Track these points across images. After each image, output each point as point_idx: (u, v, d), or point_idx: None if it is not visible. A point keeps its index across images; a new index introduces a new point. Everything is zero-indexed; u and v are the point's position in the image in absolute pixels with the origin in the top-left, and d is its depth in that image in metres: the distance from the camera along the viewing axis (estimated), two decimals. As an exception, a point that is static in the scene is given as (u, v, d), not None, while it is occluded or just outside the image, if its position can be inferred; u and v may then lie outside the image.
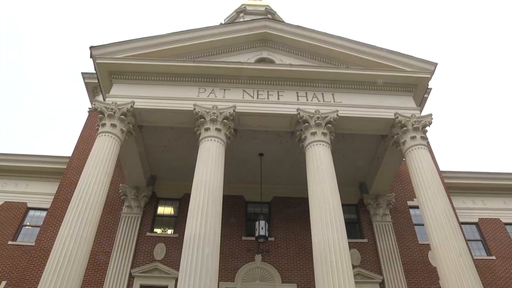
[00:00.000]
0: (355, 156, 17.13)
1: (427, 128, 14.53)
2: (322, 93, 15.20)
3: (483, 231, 19.82)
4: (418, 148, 13.93)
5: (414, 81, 15.40)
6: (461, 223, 18.98)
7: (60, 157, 20.30)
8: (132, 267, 16.11)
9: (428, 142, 14.49)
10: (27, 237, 18.51)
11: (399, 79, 15.31)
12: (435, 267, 16.07)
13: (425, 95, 19.24)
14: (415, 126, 14.26)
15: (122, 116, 13.99)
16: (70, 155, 20.15)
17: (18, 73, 71.51)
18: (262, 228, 15.17)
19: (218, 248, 11.21)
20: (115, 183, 18.45)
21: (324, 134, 13.95)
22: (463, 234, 16.99)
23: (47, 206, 19.01)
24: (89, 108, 22.35)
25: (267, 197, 18.45)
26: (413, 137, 14.16)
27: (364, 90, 15.31)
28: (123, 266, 16.01)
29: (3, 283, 16.79)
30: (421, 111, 15.35)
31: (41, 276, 10.97)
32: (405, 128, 14.34)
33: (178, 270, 10.97)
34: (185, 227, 11.57)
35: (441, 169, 21.07)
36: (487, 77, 76.25)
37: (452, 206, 18.02)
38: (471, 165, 73.49)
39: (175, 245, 16.72)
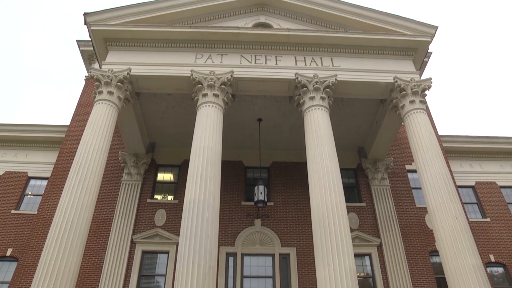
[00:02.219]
0: (353, 121, 17.14)
1: (426, 92, 14.48)
2: (321, 58, 15.06)
3: (479, 194, 20.09)
4: (417, 112, 13.92)
5: (414, 45, 15.21)
6: (458, 187, 19.25)
7: (58, 126, 20.25)
8: (133, 233, 16.37)
9: (427, 106, 14.48)
10: (30, 206, 18.72)
11: (399, 43, 15.14)
12: (432, 230, 16.40)
13: (425, 59, 19.07)
14: (414, 90, 14.20)
15: (119, 83, 13.89)
16: (68, 123, 20.13)
17: (12, 41, 70.43)
18: (261, 193, 15.33)
19: (217, 213, 11.34)
20: (114, 150, 18.53)
21: (322, 98, 13.90)
22: (460, 197, 17.26)
23: (48, 175, 19.15)
24: (85, 76, 22.14)
25: (266, 162, 18.57)
26: (412, 101, 14.13)
27: (363, 54, 15.16)
28: (124, 233, 16.27)
29: (9, 250, 17.12)
30: (420, 75, 15.27)
31: (45, 243, 11.15)
32: (404, 92, 14.28)
33: (179, 236, 11.14)
34: (185, 193, 11.66)
35: (440, 133, 21.14)
36: (488, 41, 75.33)
37: (450, 169, 18.21)
38: (470, 129, 73.68)
39: (175, 211, 16.95)
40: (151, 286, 15.60)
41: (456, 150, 21.01)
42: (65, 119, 71.14)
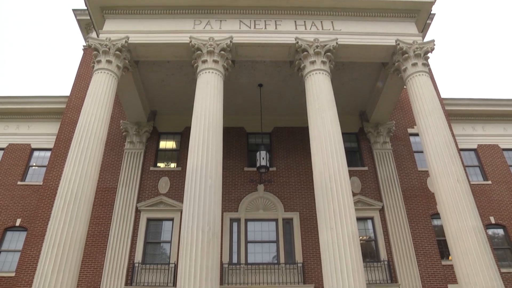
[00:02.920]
0: (355, 85, 16.99)
1: (429, 54, 14.28)
2: (321, 21, 14.78)
3: (481, 157, 20.12)
4: (419, 75, 13.77)
5: (416, 6, 14.88)
6: (460, 150, 19.26)
7: (58, 97, 20.18)
8: (138, 202, 16.57)
9: (429, 69, 14.29)
10: (35, 177, 18.92)
11: (400, 4, 14.79)
12: (433, 193, 16.54)
13: (427, 21, 18.72)
14: (416, 52, 14.00)
15: (117, 52, 13.75)
16: (68, 94, 20.05)
17: (8, 12, 69.30)
18: (263, 159, 15.39)
19: (220, 179, 11.42)
20: (116, 120, 18.53)
21: (323, 62, 13.73)
22: (462, 160, 17.30)
23: (51, 146, 19.25)
24: (83, 46, 21.89)
25: (267, 128, 18.57)
26: (414, 64, 13.96)
27: (364, 17, 14.87)
28: (129, 201, 16.47)
29: (18, 220, 17.44)
30: (423, 38, 15.00)
31: (51, 213, 11.33)
32: (406, 55, 14.09)
33: (183, 203, 11.27)
34: (187, 160, 11.71)
35: (442, 96, 21.01)
36: (492, 1, 73.60)
37: (452, 133, 18.18)
38: (473, 92, 73.04)
39: (178, 178, 17.09)
40: (157, 253, 15.91)
41: (458, 113, 20.92)
42: (66, 90, 70.88)
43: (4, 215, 17.62)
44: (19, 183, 18.48)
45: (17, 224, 17.43)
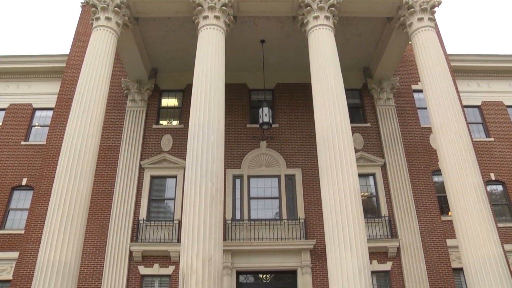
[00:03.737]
0: (359, 40, 16.70)
1: (436, 9, 13.92)
2: (325, -26, 14.31)
3: (484, 114, 20.00)
4: (425, 30, 13.51)
5: (423, -42, 14.34)
6: (464, 106, 19.13)
7: (58, 55, 19.92)
8: (141, 159, 16.69)
9: (435, 24, 13.94)
10: (38, 136, 18.97)
11: (407, -45, 14.26)
12: (435, 150, 16.54)
13: (434, -27, 18.08)
14: (423, 7, 13.67)
15: (116, 9, 13.49)
16: (68, 53, 19.78)
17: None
18: (265, 115, 15.35)
19: (222, 136, 11.43)
20: (117, 78, 18.39)
21: (327, 18, 13.42)
22: (465, 117, 17.22)
23: (52, 105, 19.18)
24: (81, 3, 21.34)
25: (270, 84, 18.42)
26: (420, 19, 13.67)
27: (369, -30, 14.37)
28: (132, 159, 16.59)
29: (24, 180, 17.67)
30: (430, -9, 14.52)
31: (56, 172, 11.47)
32: (412, 9, 13.76)
33: (186, 160, 11.34)
34: (189, 117, 11.70)
35: (448, 52, 20.62)
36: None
37: (456, 89, 17.98)
38: (479, 48, 71.72)
39: (181, 135, 17.14)
40: (161, 210, 16.20)
41: (464, 69, 20.61)
42: (65, 49, 69.91)
43: (11, 175, 17.83)
44: (22, 143, 18.56)
45: (23, 183, 17.67)
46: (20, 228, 16.80)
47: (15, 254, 15.92)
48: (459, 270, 15.16)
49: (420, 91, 18.80)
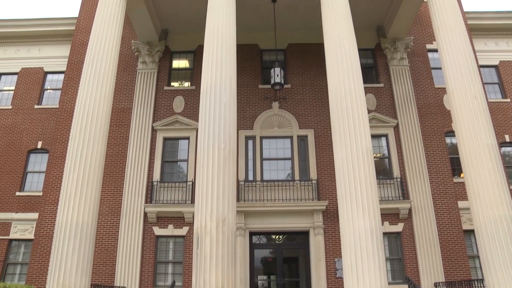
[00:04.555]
0: (373, -2, 16.22)
1: (453, -37, 13.34)
2: None
3: (501, 74, 19.51)
4: (441, -14, 13.01)
5: None
6: (480, 66, 18.64)
7: (67, 18, 19.73)
8: (153, 121, 16.76)
9: (452, -20, 13.40)
10: (51, 100, 19.10)
11: None
12: (449, 111, 16.32)
13: None
14: (439, -39, 13.11)
15: (124, -32, 13.18)
16: (77, 15, 19.57)
17: None
18: (277, 76, 15.18)
19: (235, 97, 11.35)
20: (127, 40, 18.23)
21: (340, -26, 12.97)
22: (481, 77, 16.83)
23: (63, 69, 19.16)
24: (88, -37, 20.89)
25: (282, 44, 18.11)
26: (437, -26, 13.13)
27: None
28: (144, 121, 16.67)
29: (39, 143, 17.95)
30: None
31: (70, 135, 11.60)
32: (428, -36, 13.22)
33: (198, 121, 11.35)
34: (201, 78, 11.61)
35: (465, 9, 19.96)
36: None
37: (473, 48, 17.49)
38: (497, 4, 69.17)
39: (193, 97, 17.10)
40: (175, 171, 16.39)
41: (481, 27, 19.96)
42: (74, 12, 69.19)
43: (26, 138, 18.10)
44: (36, 106, 18.73)
45: (39, 146, 17.96)
46: (38, 190, 17.23)
47: (35, 215, 16.41)
48: (470, 232, 15.23)
49: (435, 50, 18.34)
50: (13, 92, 19.23)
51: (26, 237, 16.50)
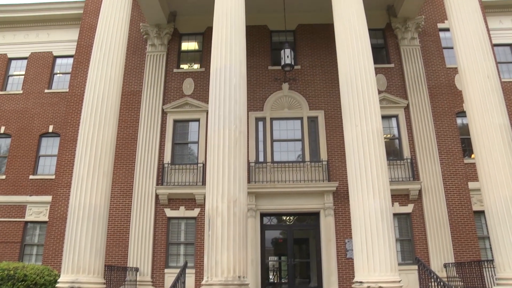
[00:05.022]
0: (384, -23, 15.94)
1: None
2: None
3: (516, 53, 19.13)
4: (453, -38, 12.71)
5: None
6: (494, 45, 18.26)
7: (75, 1, 19.67)
8: (163, 104, 16.80)
9: (466, -44, 13.06)
10: (60, 84, 19.22)
11: None
12: (460, 91, 16.16)
13: None
14: None
15: (132, -51, 13.05)
16: (84, -1, 19.54)
17: None
18: (287, 57, 15.08)
19: (244, 78, 11.31)
20: (135, 23, 18.15)
21: (350, -47, 12.72)
22: (494, 56, 16.54)
23: (72, 53, 19.22)
24: None
25: (291, 25, 17.92)
26: (448, -50, 12.82)
27: None
28: (154, 104, 16.71)
29: (51, 127, 18.12)
30: None
31: (80, 118, 11.69)
32: None
33: (208, 103, 11.36)
34: (210, 60, 11.57)
35: (478, -14, 19.45)
36: None
37: (487, 26, 17.15)
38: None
39: (202, 79, 17.08)
40: (185, 153, 16.48)
41: (496, 4, 19.45)
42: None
43: (37, 123, 18.28)
44: (46, 91, 18.86)
45: (50, 130, 18.14)
46: (50, 173, 17.48)
47: (48, 198, 16.69)
48: (480, 213, 15.21)
49: (447, 30, 18.02)
50: (23, 77, 19.37)
51: (41, 219, 16.84)
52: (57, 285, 10.18)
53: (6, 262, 11.19)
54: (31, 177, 17.43)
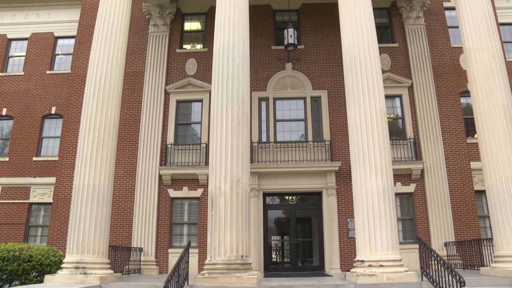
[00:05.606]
0: (388, -46, 15.64)
1: None
2: None
3: (523, 32, 18.88)
4: None
5: None
6: (500, 24, 18.08)
7: (75, -19, 19.45)
8: (166, 84, 16.74)
9: None
10: (62, 65, 19.13)
11: None
12: (465, 71, 16.05)
13: None
14: None
15: None
16: (85, -23, 19.26)
17: None
18: (291, 36, 14.98)
19: (248, 58, 11.25)
20: (138, 3, 17.98)
21: None
22: (500, 36, 16.37)
23: (74, 33, 19.07)
24: None
25: (295, 5, 17.69)
26: None
27: None
28: (157, 84, 16.65)
29: (53, 108, 18.12)
30: None
31: (83, 99, 11.68)
32: None
33: (211, 83, 11.32)
34: (213, 41, 11.49)
35: (484, -36, 19.09)
36: None
37: (493, 5, 16.93)
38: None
39: (205, 59, 16.96)
40: (188, 134, 16.49)
41: (502, -18, 19.14)
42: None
43: (40, 104, 18.27)
44: (48, 72, 18.79)
45: (53, 112, 18.14)
46: (54, 155, 17.55)
47: (52, 179, 16.80)
48: (481, 192, 15.28)
49: (453, 8, 17.74)
50: (24, 58, 19.25)
51: (45, 201, 16.98)
52: (62, 265, 10.34)
53: (12, 244, 11.34)
54: (34, 158, 17.51)
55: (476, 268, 12.09)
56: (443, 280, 8.68)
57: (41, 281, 10.72)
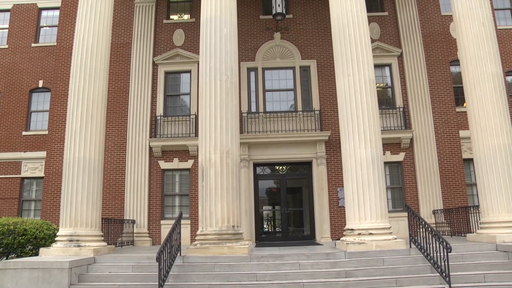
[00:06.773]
0: None
1: None
2: None
3: (517, -5, 18.60)
4: None
5: None
6: (490, -10, 17.85)
7: None
8: (154, 56, 16.52)
9: None
10: (48, 37, 18.75)
11: None
12: (455, 39, 15.90)
13: None
14: None
15: None
16: None
17: None
18: (279, 5, 14.79)
19: (235, 28, 11.13)
20: (123, -29, 17.49)
21: None
22: (491, 3, 16.25)
23: (58, 4, 18.58)
24: None
25: (283, -27, 17.37)
26: None
27: None
28: (145, 56, 16.42)
29: (40, 82, 17.87)
30: None
31: (70, 72, 11.52)
32: None
33: (199, 54, 11.20)
34: (201, 10, 11.31)
35: None
36: None
37: (483, -30, 16.67)
38: None
39: (193, 29, 16.70)
40: (177, 105, 16.41)
41: None
42: None
43: (26, 78, 17.99)
44: (33, 45, 18.42)
45: (40, 85, 17.90)
46: (43, 129, 17.43)
47: (43, 153, 16.73)
48: (469, 161, 15.47)
49: (443, -25, 17.58)
50: (7, 30, 18.79)
51: (37, 175, 16.97)
52: (56, 238, 10.43)
53: (6, 218, 11.40)
54: (24, 133, 17.38)
55: (463, 235, 12.39)
56: (430, 246, 8.88)
57: (36, 254, 10.82)
